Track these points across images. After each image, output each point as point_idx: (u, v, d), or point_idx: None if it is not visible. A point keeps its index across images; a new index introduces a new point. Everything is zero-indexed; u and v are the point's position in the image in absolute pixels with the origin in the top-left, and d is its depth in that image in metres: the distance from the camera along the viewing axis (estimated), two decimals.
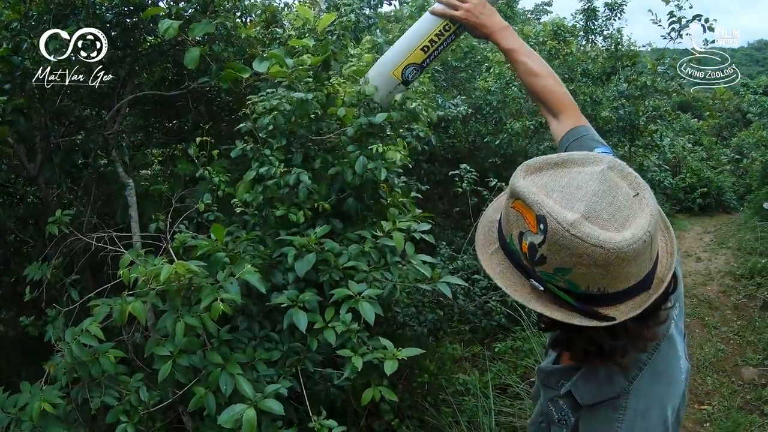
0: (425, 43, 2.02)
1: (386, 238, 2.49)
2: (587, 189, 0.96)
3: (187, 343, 2.28)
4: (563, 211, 0.94)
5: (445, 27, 1.96)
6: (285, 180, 2.52)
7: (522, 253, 1.03)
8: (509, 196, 1.05)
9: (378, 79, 2.17)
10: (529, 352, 5.03)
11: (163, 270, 2.07)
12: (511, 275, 1.08)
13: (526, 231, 0.99)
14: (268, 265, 2.53)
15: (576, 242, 0.92)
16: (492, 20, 1.79)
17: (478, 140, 7.54)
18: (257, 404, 2.10)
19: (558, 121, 1.60)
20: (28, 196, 4.41)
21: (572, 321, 1.02)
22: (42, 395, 2.29)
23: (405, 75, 2.07)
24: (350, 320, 2.27)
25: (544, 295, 1.04)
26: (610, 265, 0.94)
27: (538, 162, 1.06)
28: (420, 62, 2.05)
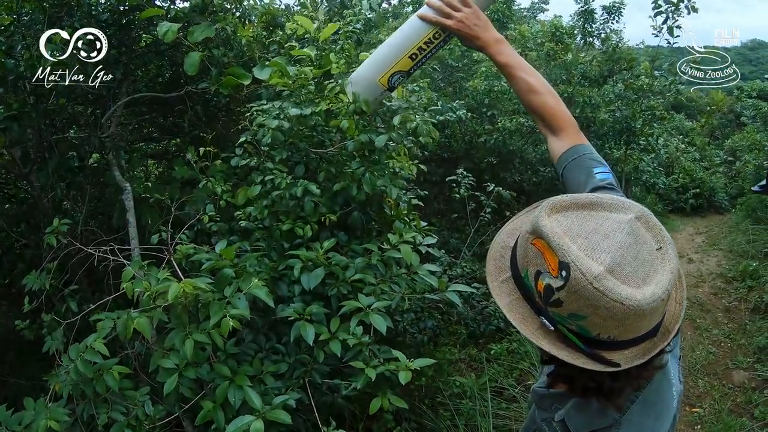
0: (414, 51, 1.91)
1: (393, 250, 2.49)
2: (614, 240, 0.95)
3: (193, 356, 2.27)
4: (588, 261, 0.93)
5: (435, 35, 1.84)
6: (291, 192, 2.51)
7: (536, 291, 1.01)
8: (530, 232, 1.02)
9: (364, 86, 2.10)
10: (525, 355, 5.06)
11: (170, 289, 2.05)
12: (520, 307, 1.06)
13: (545, 272, 0.98)
14: (274, 277, 2.51)
15: (597, 295, 0.91)
16: (486, 33, 1.71)
17: (474, 140, 7.53)
18: (265, 415, 2.10)
19: (558, 139, 1.57)
20: (20, 194, 4.36)
21: (577, 362, 1.01)
22: (48, 413, 2.27)
23: (391, 82, 2.00)
24: (361, 333, 2.27)
25: (552, 333, 1.03)
26: (626, 319, 0.94)
27: (564, 201, 1.02)
28: (407, 70, 1.97)
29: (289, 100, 2.77)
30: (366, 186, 2.51)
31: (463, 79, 7.82)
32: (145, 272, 2.46)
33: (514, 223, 1.20)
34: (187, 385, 2.28)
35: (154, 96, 3.85)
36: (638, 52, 8.83)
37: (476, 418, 4.20)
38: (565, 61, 7.72)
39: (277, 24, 3.61)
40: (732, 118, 17.81)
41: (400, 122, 2.53)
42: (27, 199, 4.23)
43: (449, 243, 6.13)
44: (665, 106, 8.94)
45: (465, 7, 1.75)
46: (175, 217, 3.03)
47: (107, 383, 2.28)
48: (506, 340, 5.41)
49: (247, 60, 3.44)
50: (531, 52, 7.84)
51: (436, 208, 7.03)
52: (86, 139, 3.78)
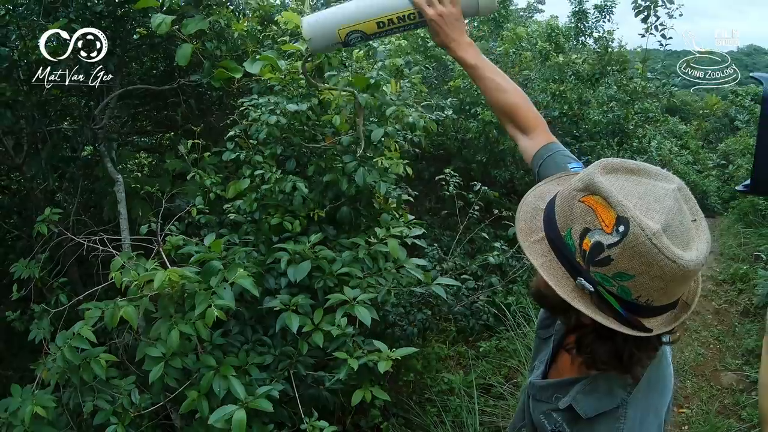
0: (383, 20, 1.86)
1: (380, 244, 2.50)
2: (664, 203, 0.96)
3: (179, 346, 2.28)
4: (645, 218, 0.93)
5: (410, 15, 1.80)
6: (280, 186, 2.52)
7: (580, 249, 1.00)
8: (580, 189, 1.01)
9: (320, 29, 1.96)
10: (513, 353, 5.08)
11: (156, 277, 2.06)
12: (554, 268, 1.05)
13: (595, 229, 0.97)
14: (262, 270, 2.53)
15: (654, 252, 0.92)
16: (460, 34, 1.72)
17: (467, 138, 7.54)
18: (248, 405, 2.12)
19: (529, 138, 1.59)
20: (12, 185, 4.36)
21: (611, 325, 1.01)
22: (34, 399, 2.28)
23: (349, 38, 1.92)
24: (345, 324, 2.29)
25: (587, 296, 1.02)
26: (672, 281, 0.96)
27: (615, 163, 1.03)
28: (368, 33, 1.93)
29: (281, 95, 2.78)
30: (358, 179, 2.53)
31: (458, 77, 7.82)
32: (134, 262, 2.48)
33: (540, 189, 1.20)
34: (173, 375, 2.30)
35: (148, 89, 3.86)
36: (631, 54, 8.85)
37: (463, 414, 4.22)
38: (558, 62, 7.73)
39: (271, 19, 3.62)
40: (726, 122, 17.88)
41: (394, 115, 2.55)
42: (20, 191, 4.23)
43: (441, 240, 6.15)
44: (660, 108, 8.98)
45: (450, 5, 1.74)
46: (166, 209, 3.04)
47: (94, 371, 2.29)
48: (495, 337, 5.44)
49: (241, 54, 3.45)
50: (526, 52, 7.86)
51: (427, 206, 7.04)
52: (79, 130, 3.78)
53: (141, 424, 2.54)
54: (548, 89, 7.60)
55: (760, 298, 6.77)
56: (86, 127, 3.64)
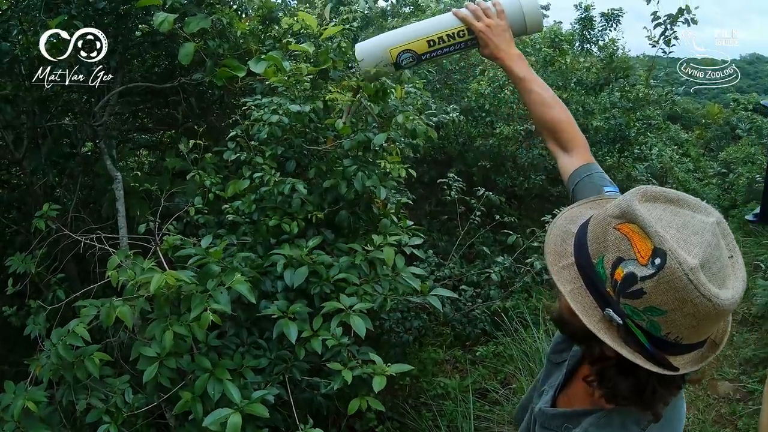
0: (434, 38, 1.92)
1: (377, 251, 2.49)
2: (703, 237, 0.93)
3: (174, 347, 2.27)
4: (683, 252, 0.89)
5: (460, 32, 1.86)
6: (279, 188, 2.51)
7: (611, 279, 0.97)
8: (616, 216, 0.97)
9: (371, 48, 2.04)
10: (510, 358, 5.07)
11: (153, 280, 2.05)
12: (582, 297, 1.01)
13: (629, 259, 0.94)
14: (259, 273, 2.52)
15: (689, 288, 0.89)
16: (509, 45, 1.75)
17: (468, 142, 7.54)
18: (243, 409, 2.11)
19: (569, 156, 1.57)
20: (12, 179, 4.35)
21: (636, 361, 0.97)
22: (26, 395, 2.27)
23: (400, 58, 1.97)
24: (341, 334, 2.28)
25: (614, 328, 0.98)
26: (705, 319, 0.92)
27: (654, 191, 0.99)
28: (420, 53, 1.96)
29: (284, 96, 2.78)
30: (357, 184, 2.52)
31: (460, 81, 7.82)
32: (131, 261, 2.47)
33: (572, 211, 1.17)
34: (167, 375, 2.28)
35: (149, 86, 3.85)
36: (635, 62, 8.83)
37: (458, 419, 4.22)
38: (561, 68, 7.72)
39: (273, 18, 3.61)
40: (727, 131, 17.86)
41: (402, 121, 2.54)
42: (20, 185, 4.22)
43: (439, 245, 6.13)
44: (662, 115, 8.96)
45: (498, 18, 1.78)
46: (165, 209, 3.03)
47: (88, 369, 2.28)
48: (492, 342, 5.42)
49: (243, 53, 3.44)
50: (530, 57, 7.85)
51: (427, 209, 7.03)
52: (79, 126, 3.78)
53: (135, 422, 2.53)
54: None
55: (758, 307, 6.76)
56: (86, 124, 3.63)
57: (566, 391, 1.33)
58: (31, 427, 2.28)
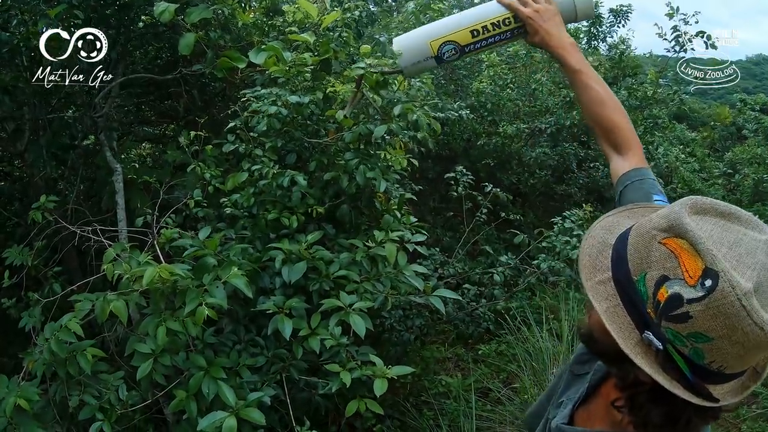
0: (477, 27, 1.78)
1: (379, 247, 2.42)
2: (757, 258, 0.83)
3: (169, 343, 2.22)
4: (736, 275, 0.80)
5: (505, 20, 1.72)
6: (278, 181, 2.45)
7: (653, 299, 0.87)
8: (663, 229, 0.88)
9: (410, 43, 1.89)
10: (513, 357, 5.01)
11: (146, 273, 2.00)
12: (619, 316, 0.92)
13: (675, 278, 0.84)
14: (257, 268, 2.46)
15: (741, 315, 0.79)
16: (560, 31, 1.61)
17: (473, 139, 7.47)
18: (239, 412, 2.05)
19: (622, 158, 1.47)
20: (15, 171, 4.32)
21: (674, 390, 0.88)
22: (18, 391, 2.22)
23: (441, 51, 1.81)
24: (340, 333, 2.22)
25: (652, 352, 0.89)
26: (755, 348, 0.83)
27: (704, 203, 0.90)
28: (463, 45, 1.82)
29: (284, 88, 2.72)
30: (358, 177, 2.45)
31: (466, 77, 7.74)
32: (127, 254, 2.42)
33: (608, 219, 1.06)
34: (162, 372, 2.23)
35: (150, 78, 3.80)
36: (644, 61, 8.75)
37: (460, 419, 4.16)
38: None
39: (277, 9, 3.56)
40: (734, 131, 17.72)
41: (401, 113, 2.46)
42: (22, 178, 4.19)
43: (443, 241, 6.07)
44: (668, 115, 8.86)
45: (546, 3, 1.66)
46: (165, 201, 2.99)
47: (80, 365, 2.23)
48: (495, 341, 5.36)
49: (245, 45, 3.39)
50: (536, 54, 7.77)
51: (431, 205, 6.97)
52: (79, 118, 3.74)
53: (133, 417, 2.48)
54: (558, 93, 7.52)
55: None
56: (86, 116, 3.59)
57: (587, 406, 1.24)
58: (23, 424, 2.24)
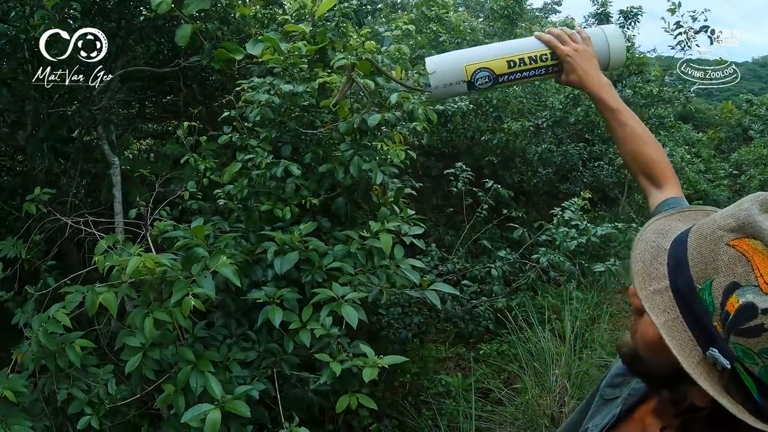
0: (514, 58, 1.76)
1: (374, 239, 2.37)
2: None
3: (159, 337, 2.18)
4: None
5: (543, 56, 1.71)
6: (272, 172, 2.41)
7: (721, 310, 0.77)
8: (731, 230, 0.79)
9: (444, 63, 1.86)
10: (514, 357, 4.95)
11: (129, 263, 1.95)
12: (679, 331, 0.82)
13: (748, 285, 0.74)
14: (250, 261, 2.42)
15: None
16: (597, 72, 1.61)
17: (476, 136, 7.44)
18: (224, 405, 2.01)
19: (660, 191, 1.45)
20: (16, 165, 4.31)
21: (740, 415, 0.78)
22: (6, 383, 2.18)
23: (475, 76, 1.78)
24: (330, 324, 2.17)
25: (715, 372, 0.79)
26: None
27: None
28: (498, 74, 1.79)
29: (280, 78, 2.69)
30: (353, 169, 2.40)
31: None
32: (120, 246, 2.39)
33: (658, 223, 0.97)
34: (151, 366, 2.19)
35: (151, 71, 3.78)
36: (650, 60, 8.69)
37: (459, 419, 4.11)
38: None
39: (276, 1, 3.53)
40: (740, 132, 17.64)
41: (396, 102, 2.42)
42: (23, 172, 4.18)
43: (444, 239, 6.03)
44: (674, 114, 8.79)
45: (584, 44, 1.66)
46: (162, 195, 2.96)
47: (69, 357, 2.19)
48: (496, 341, 5.31)
49: (244, 37, 3.37)
50: None
51: (433, 203, 6.93)
52: (77, 111, 3.72)
53: (128, 413, 2.45)
54: (563, 91, 7.47)
55: None
56: (84, 108, 3.57)
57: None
58: (10, 416, 2.20)
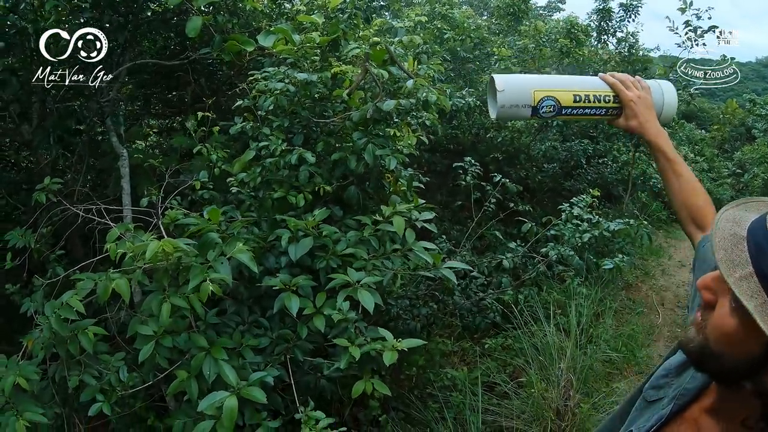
0: (581, 93, 1.76)
1: (386, 223, 2.38)
2: None
3: (172, 324, 2.18)
4: None
5: (606, 97, 1.74)
6: (286, 159, 2.41)
7: None
8: None
9: (514, 84, 1.84)
10: (520, 351, 4.95)
11: (149, 247, 1.95)
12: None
13: None
14: (262, 248, 2.42)
15: None
16: (656, 121, 1.65)
17: (481, 133, 7.45)
18: (240, 392, 2.01)
19: (703, 232, 1.48)
20: (22, 160, 4.31)
21: None
22: (18, 370, 2.18)
23: (542, 103, 1.76)
24: (348, 309, 2.17)
25: None
26: None
27: None
28: (562, 105, 1.79)
29: (293, 68, 2.70)
30: (367, 156, 2.41)
31: (474, 71, 7.71)
32: (131, 234, 2.39)
33: (728, 213, 0.98)
34: (164, 354, 2.19)
35: (159, 65, 3.78)
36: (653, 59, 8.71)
37: (465, 412, 4.11)
38: (578, 59, 7.60)
39: None
40: (743, 131, 17.64)
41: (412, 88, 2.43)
42: (30, 168, 4.18)
43: (451, 234, 6.03)
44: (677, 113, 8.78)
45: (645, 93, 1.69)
46: (172, 186, 2.96)
47: (82, 344, 2.18)
48: (501, 335, 5.31)
49: (253, 30, 3.37)
50: (545, 48, 7.73)
51: (439, 199, 6.94)
52: (85, 103, 3.73)
53: (134, 404, 2.45)
54: None
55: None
56: (93, 101, 3.57)
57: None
58: (21, 403, 2.19)
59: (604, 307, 6.10)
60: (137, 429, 2.76)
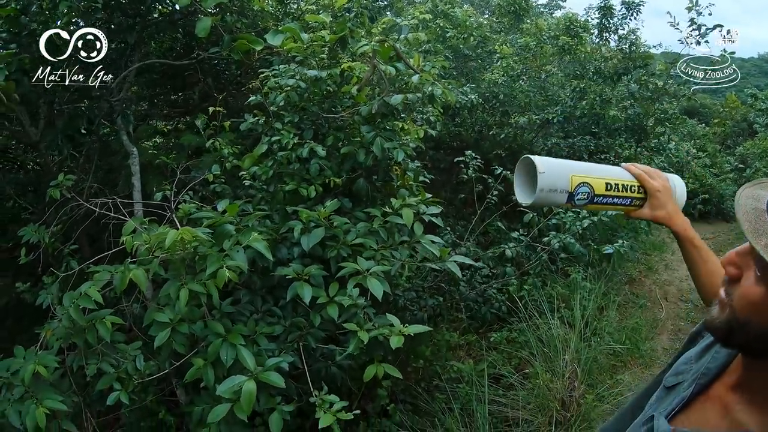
0: (611, 182, 1.80)
1: (395, 215, 2.45)
2: None
3: (187, 312, 2.24)
4: None
5: (632, 187, 1.73)
6: (297, 153, 2.48)
7: None
8: None
9: (555, 166, 1.75)
10: (525, 343, 5.01)
11: (168, 236, 2.01)
12: None
13: None
14: (275, 240, 2.49)
15: None
16: (679, 211, 1.67)
17: (484, 130, 7.49)
18: (257, 376, 2.06)
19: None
20: (28, 162, 4.36)
21: None
22: (36, 359, 2.23)
23: (577, 189, 1.78)
24: (357, 295, 2.24)
25: None
26: None
27: None
28: (595, 192, 1.82)
29: (302, 65, 2.76)
30: (375, 149, 2.48)
31: (477, 69, 7.76)
32: (145, 227, 2.45)
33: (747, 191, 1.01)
34: (180, 341, 2.25)
35: (167, 64, 3.84)
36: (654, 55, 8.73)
37: (472, 403, 4.17)
38: (579, 56, 7.64)
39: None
40: (745, 127, 17.67)
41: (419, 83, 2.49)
42: (36, 170, 4.24)
43: (454, 229, 6.09)
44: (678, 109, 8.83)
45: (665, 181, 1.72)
46: (182, 182, 3.02)
47: (100, 333, 2.24)
48: (506, 328, 5.37)
49: (260, 30, 3.43)
50: (546, 46, 7.77)
51: (443, 195, 7.00)
52: (94, 103, 3.78)
53: (145, 398, 2.50)
54: (569, 85, 7.51)
55: None
56: (103, 99, 3.63)
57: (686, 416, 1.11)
58: (40, 392, 2.24)
59: (607, 300, 6.15)
60: (148, 422, 2.82)
